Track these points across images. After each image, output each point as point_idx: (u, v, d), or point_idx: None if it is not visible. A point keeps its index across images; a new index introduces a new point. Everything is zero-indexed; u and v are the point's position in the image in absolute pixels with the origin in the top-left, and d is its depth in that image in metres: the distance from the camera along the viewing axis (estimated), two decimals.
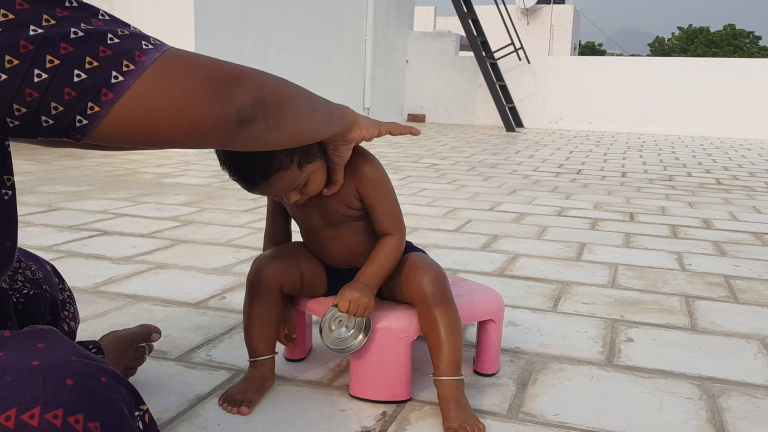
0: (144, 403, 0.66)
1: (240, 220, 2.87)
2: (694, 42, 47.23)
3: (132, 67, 0.65)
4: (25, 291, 1.03)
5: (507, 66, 10.20)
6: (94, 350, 1.19)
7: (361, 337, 1.19)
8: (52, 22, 0.63)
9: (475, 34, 9.53)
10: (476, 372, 1.40)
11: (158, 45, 0.69)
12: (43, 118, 0.64)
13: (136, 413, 0.64)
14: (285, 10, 6.57)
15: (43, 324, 1.05)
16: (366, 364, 1.24)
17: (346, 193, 1.20)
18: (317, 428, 1.16)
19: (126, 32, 0.67)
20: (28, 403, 0.55)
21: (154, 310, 1.73)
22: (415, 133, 1.21)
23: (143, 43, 0.68)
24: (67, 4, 0.65)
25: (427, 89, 10.58)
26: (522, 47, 10.18)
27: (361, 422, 1.18)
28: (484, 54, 9.49)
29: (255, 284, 1.26)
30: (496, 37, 10.88)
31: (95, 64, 0.64)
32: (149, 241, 2.46)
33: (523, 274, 2.19)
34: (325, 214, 1.23)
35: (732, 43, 46.88)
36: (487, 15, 12.18)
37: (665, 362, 1.51)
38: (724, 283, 2.17)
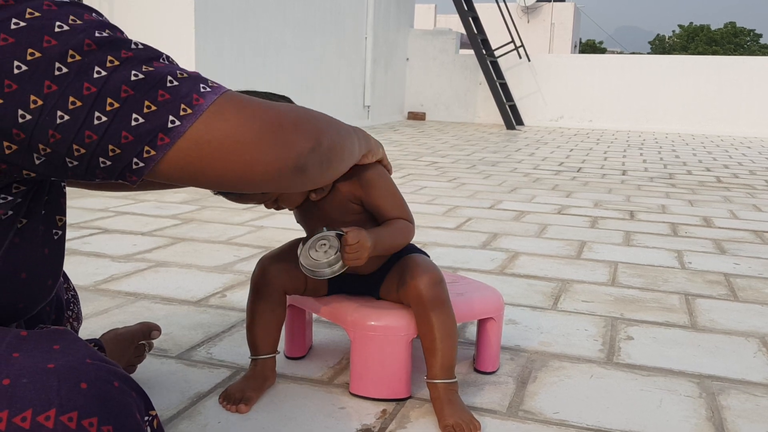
0: (153, 409, 0.67)
1: (240, 218, 2.88)
2: (695, 40, 47.19)
3: (189, 111, 0.66)
4: None
5: (507, 64, 10.19)
6: (95, 348, 1.19)
7: (336, 267, 1.11)
8: (116, 63, 0.64)
9: (476, 32, 9.52)
10: (476, 370, 1.41)
11: (216, 88, 0.69)
12: (101, 159, 0.65)
13: (146, 418, 0.65)
14: (285, 8, 6.57)
15: (47, 323, 1.05)
16: (366, 362, 1.25)
17: (343, 200, 1.19)
18: (317, 426, 1.16)
19: (185, 75, 0.68)
20: (44, 405, 0.56)
21: (154, 308, 1.73)
22: (390, 171, 1.24)
23: (201, 86, 0.68)
24: (132, 45, 0.67)
25: (428, 87, 10.57)
26: (522, 45, 10.17)
27: (361, 420, 1.19)
28: (484, 52, 9.48)
29: (259, 285, 1.26)
30: (496, 35, 10.87)
31: (153, 108, 0.65)
32: (150, 239, 2.46)
33: (523, 272, 2.20)
34: (326, 221, 1.22)
35: (733, 41, 46.84)
36: (487, 13, 12.17)
37: (665, 360, 1.51)
38: (724, 281, 2.17)
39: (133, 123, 0.64)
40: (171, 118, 0.65)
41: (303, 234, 1.31)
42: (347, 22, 8.12)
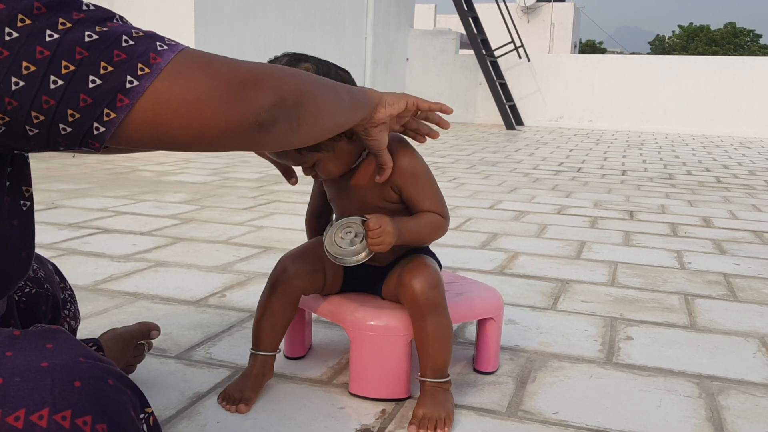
0: (149, 406, 0.66)
1: (240, 218, 2.88)
2: (695, 40, 47.19)
3: (147, 70, 0.65)
4: (26, 290, 1.04)
5: (507, 64, 10.20)
6: (94, 348, 1.19)
7: (361, 256, 1.12)
8: (68, 25, 0.63)
9: (476, 32, 9.52)
10: (475, 370, 1.41)
11: (173, 45, 0.68)
12: (61, 126, 0.63)
13: (142, 416, 0.65)
14: (285, 8, 6.57)
15: (44, 323, 1.05)
16: (366, 362, 1.25)
17: (384, 185, 1.18)
18: (317, 426, 1.16)
19: (140, 33, 0.66)
20: (37, 404, 0.55)
21: (153, 308, 1.73)
22: (447, 110, 1.15)
23: (158, 44, 0.67)
24: (83, 7, 0.65)
25: (428, 87, 10.57)
26: (522, 45, 10.17)
27: (360, 420, 1.18)
28: (484, 52, 9.49)
29: (277, 282, 1.26)
30: (496, 35, 10.87)
31: (110, 69, 0.63)
32: (149, 239, 2.46)
33: (523, 272, 2.20)
34: (360, 203, 1.21)
35: (732, 41, 46.84)
36: (487, 13, 12.18)
37: (664, 360, 1.51)
38: (723, 281, 2.17)
39: (91, 85, 0.63)
40: (129, 78, 0.64)
41: (303, 234, 1.31)
42: (347, 22, 8.12)
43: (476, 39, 9.46)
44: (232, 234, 2.58)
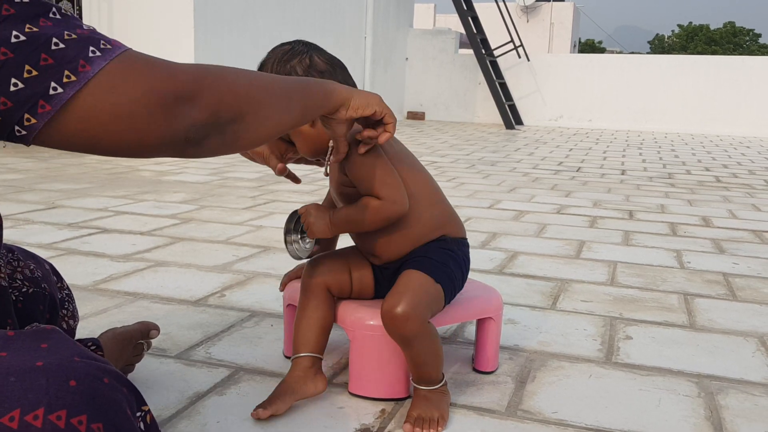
0: (145, 404, 0.66)
1: (239, 217, 2.88)
2: (694, 39, 47.20)
3: (73, 78, 0.62)
4: (24, 289, 1.03)
5: (507, 64, 10.20)
6: (93, 348, 1.19)
7: (307, 244, 1.25)
8: None
9: (475, 31, 9.52)
10: (475, 369, 1.41)
11: (107, 51, 0.64)
12: None
13: (138, 414, 0.64)
14: (285, 8, 6.56)
15: (42, 322, 1.05)
16: (365, 362, 1.25)
17: (339, 171, 1.22)
18: (316, 425, 1.16)
19: (73, 36, 0.63)
20: (32, 404, 0.55)
21: (153, 308, 1.73)
22: (388, 133, 1.12)
23: (91, 49, 0.63)
24: (16, 0, 0.62)
25: (427, 87, 10.57)
26: (522, 45, 10.17)
27: (360, 420, 1.18)
28: (483, 52, 9.49)
29: (305, 284, 1.28)
30: (495, 34, 10.87)
31: (34, 72, 0.61)
32: (149, 238, 2.46)
33: (522, 271, 2.20)
34: (333, 190, 1.28)
35: (732, 40, 46.85)
36: (486, 12, 12.17)
37: (664, 360, 1.51)
38: (722, 281, 2.17)
39: (12, 88, 0.60)
40: (53, 84, 0.61)
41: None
42: (346, 22, 8.12)
43: (476, 38, 9.45)
44: (232, 234, 2.58)
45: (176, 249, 2.32)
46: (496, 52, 10.00)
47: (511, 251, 2.47)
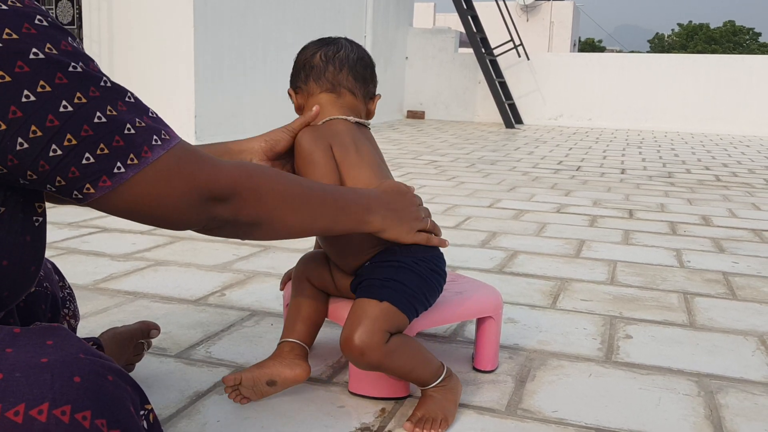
0: (149, 403, 0.67)
1: None
2: (694, 39, 47.17)
3: (136, 161, 0.72)
4: None
5: (506, 63, 10.19)
6: (94, 347, 1.19)
7: None
8: (84, 100, 0.68)
9: (475, 30, 9.52)
10: (475, 369, 1.41)
11: (167, 141, 0.75)
12: (48, 185, 0.70)
13: (141, 412, 0.65)
14: (285, 7, 6.56)
15: (43, 321, 1.05)
16: None
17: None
18: (316, 425, 1.16)
19: (143, 123, 0.73)
20: (37, 398, 0.56)
21: (153, 307, 1.73)
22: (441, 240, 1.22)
23: (154, 137, 0.73)
24: (101, 83, 0.71)
25: (427, 86, 10.56)
26: (521, 44, 10.17)
27: (360, 419, 1.19)
28: (483, 51, 9.48)
29: (293, 278, 1.34)
30: (495, 33, 10.86)
31: (106, 151, 0.70)
32: (149, 238, 2.46)
33: (522, 271, 2.20)
34: None
35: (732, 39, 46.83)
36: (486, 11, 12.16)
37: (663, 359, 1.51)
38: (722, 280, 2.17)
39: (84, 162, 0.69)
40: (118, 164, 0.70)
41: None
42: (346, 21, 8.12)
43: (475, 37, 9.45)
44: None
45: (176, 248, 2.32)
46: (495, 51, 9.99)
47: (511, 250, 2.47)
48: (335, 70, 1.25)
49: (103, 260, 2.15)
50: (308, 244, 2.39)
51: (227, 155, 1.17)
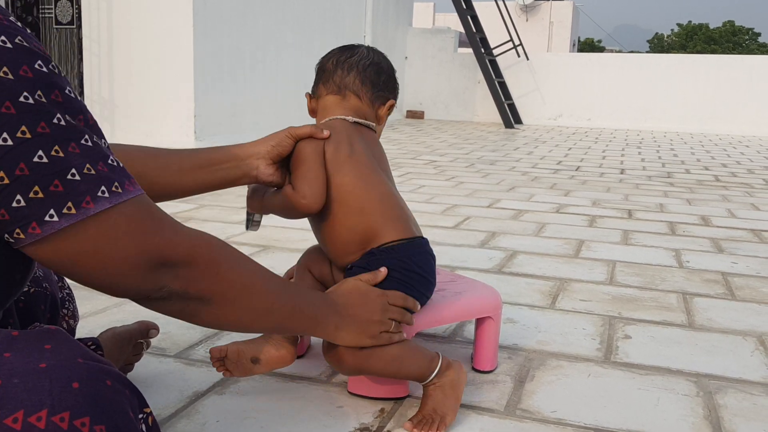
0: (147, 406, 0.67)
1: (238, 217, 2.88)
2: (694, 39, 47.19)
3: (73, 211, 0.65)
4: (25, 289, 1.04)
5: (506, 63, 10.19)
6: (93, 347, 1.19)
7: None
8: (27, 135, 0.62)
9: (474, 30, 9.52)
10: (474, 369, 1.41)
11: (117, 195, 0.67)
12: None
13: (140, 416, 0.65)
14: (284, 6, 6.56)
15: (43, 322, 1.06)
16: None
17: None
18: (316, 425, 1.16)
19: (93, 171, 0.66)
20: (35, 405, 0.55)
21: None
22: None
23: (102, 188, 0.66)
24: (54, 120, 0.64)
25: (426, 86, 10.56)
26: (521, 44, 10.17)
27: (359, 419, 1.19)
28: (483, 51, 9.48)
29: (297, 265, 1.37)
30: (495, 33, 10.86)
31: (40, 195, 0.63)
32: None
33: (522, 271, 2.20)
34: None
35: (731, 39, 46.83)
36: (486, 11, 12.16)
37: (662, 359, 1.51)
38: (721, 280, 2.17)
39: (14, 204, 0.63)
40: (51, 212, 0.64)
41: (303, 233, 1.32)
42: (346, 21, 8.12)
43: (475, 37, 9.45)
44: (231, 233, 2.58)
45: None
46: (495, 51, 9.99)
47: (510, 250, 2.47)
48: (343, 74, 1.27)
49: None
50: (308, 243, 2.39)
51: (234, 160, 1.17)
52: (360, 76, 1.27)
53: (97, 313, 1.68)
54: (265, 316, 0.90)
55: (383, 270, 1.17)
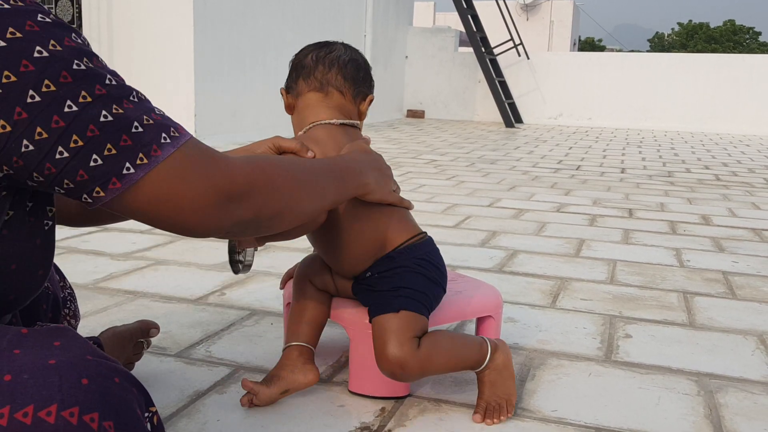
0: (153, 405, 0.67)
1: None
2: (694, 38, 47.16)
3: (145, 161, 0.68)
4: None
5: (506, 62, 10.19)
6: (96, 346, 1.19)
7: (241, 257, 1.21)
8: (89, 99, 0.66)
9: (475, 29, 9.51)
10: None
11: (176, 138, 0.71)
12: (56, 188, 0.68)
13: (146, 414, 0.65)
14: (284, 6, 6.56)
15: (44, 321, 1.06)
16: (365, 361, 1.25)
17: None
18: (316, 424, 1.16)
19: (151, 121, 0.70)
20: (45, 400, 0.56)
21: (153, 306, 1.73)
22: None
23: (163, 135, 0.70)
24: (107, 81, 0.68)
25: (427, 85, 10.56)
26: (521, 43, 10.17)
27: (360, 418, 1.19)
28: (483, 50, 9.48)
29: (294, 279, 1.33)
30: (495, 33, 10.85)
31: (113, 151, 0.67)
32: (148, 237, 2.46)
33: (522, 270, 2.20)
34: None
35: (732, 38, 46.81)
36: (486, 11, 12.16)
37: (663, 358, 1.51)
38: (722, 279, 2.17)
39: (92, 164, 0.66)
40: (127, 164, 0.68)
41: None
42: (346, 21, 8.12)
43: (475, 37, 9.45)
44: None
45: (176, 247, 2.32)
46: (495, 51, 9.99)
47: (511, 249, 2.47)
48: (324, 70, 1.24)
49: (103, 259, 2.15)
50: (307, 243, 2.39)
51: None
52: (342, 72, 1.24)
53: (98, 312, 1.68)
54: (323, 199, 0.95)
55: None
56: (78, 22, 5.40)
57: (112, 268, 2.05)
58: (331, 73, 1.24)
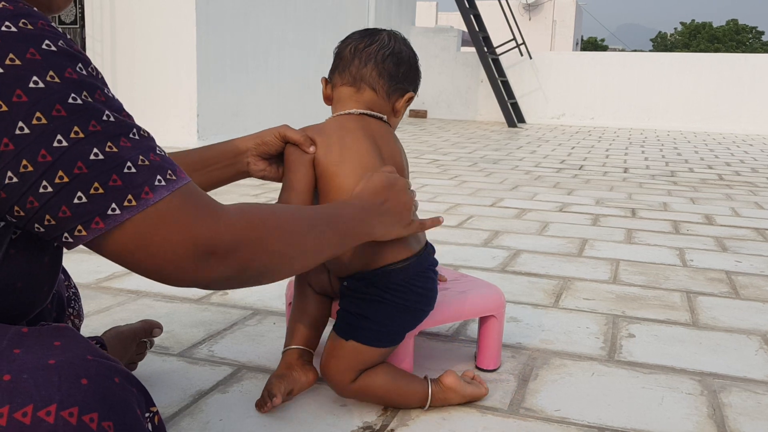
0: (154, 405, 0.67)
1: None
2: (697, 37, 47.11)
3: (134, 203, 0.66)
4: None
5: (509, 62, 10.19)
6: (97, 346, 1.20)
7: None
8: (81, 135, 0.64)
9: (477, 29, 9.51)
10: (477, 368, 1.41)
11: (173, 182, 0.69)
12: (36, 224, 0.65)
13: (147, 414, 0.65)
14: (286, 6, 6.56)
15: (49, 320, 1.06)
16: None
17: None
18: (319, 423, 1.16)
19: (147, 162, 0.67)
20: (45, 400, 0.56)
21: (156, 306, 1.73)
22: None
23: (158, 177, 0.68)
24: (104, 117, 0.66)
25: (429, 85, 10.56)
26: (524, 43, 10.16)
27: (362, 417, 1.19)
28: (485, 50, 9.48)
29: (295, 282, 1.33)
30: (498, 32, 10.86)
31: (100, 191, 0.65)
32: None
33: (525, 269, 2.20)
34: None
35: (735, 38, 46.74)
36: (488, 10, 12.16)
37: (666, 358, 1.51)
38: (725, 278, 2.17)
39: (76, 201, 0.64)
40: (113, 205, 0.65)
41: None
42: (349, 21, 8.12)
43: (478, 36, 9.45)
44: None
45: None
46: (498, 50, 9.99)
47: (514, 249, 2.47)
48: (360, 64, 1.19)
49: (106, 259, 2.15)
50: None
51: (225, 159, 1.18)
52: (377, 68, 1.19)
53: (101, 311, 1.68)
54: (319, 255, 0.90)
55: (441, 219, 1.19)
56: (81, 21, 5.40)
57: (115, 268, 2.06)
58: (366, 68, 1.19)
